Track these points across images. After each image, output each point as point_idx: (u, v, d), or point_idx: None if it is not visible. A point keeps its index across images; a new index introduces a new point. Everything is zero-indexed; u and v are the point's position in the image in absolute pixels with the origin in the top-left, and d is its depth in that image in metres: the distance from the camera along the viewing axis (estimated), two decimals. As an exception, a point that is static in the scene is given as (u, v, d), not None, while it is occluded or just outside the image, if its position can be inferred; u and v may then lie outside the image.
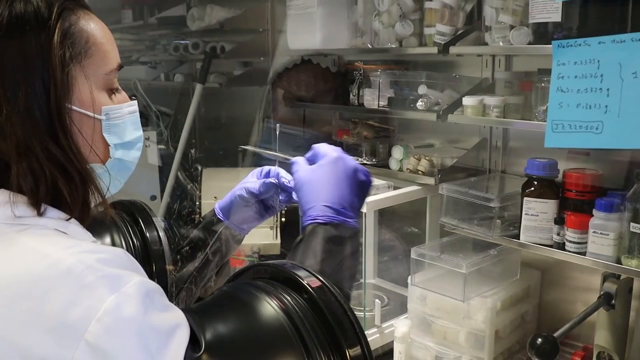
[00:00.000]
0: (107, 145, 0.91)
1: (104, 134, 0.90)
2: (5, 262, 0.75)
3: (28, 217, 0.80)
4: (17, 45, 0.79)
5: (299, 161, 1.15)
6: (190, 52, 3.10)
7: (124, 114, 0.93)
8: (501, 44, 1.77)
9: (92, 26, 0.88)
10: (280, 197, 1.25)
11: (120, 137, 0.92)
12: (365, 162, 2.24)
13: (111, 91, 0.91)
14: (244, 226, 1.30)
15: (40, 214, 0.81)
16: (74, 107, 0.85)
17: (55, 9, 0.82)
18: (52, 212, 0.83)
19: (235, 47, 2.90)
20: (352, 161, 1.11)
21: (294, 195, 1.14)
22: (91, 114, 0.87)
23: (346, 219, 1.05)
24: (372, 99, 2.20)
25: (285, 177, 1.23)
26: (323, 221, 1.03)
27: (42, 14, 0.81)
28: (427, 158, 2.05)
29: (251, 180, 1.28)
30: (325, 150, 1.13)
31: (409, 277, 1.92)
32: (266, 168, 1.28)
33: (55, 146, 0.81)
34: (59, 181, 0.81)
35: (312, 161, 1.14)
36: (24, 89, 0.79)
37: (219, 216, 1.29)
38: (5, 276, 0.73)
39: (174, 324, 0.74)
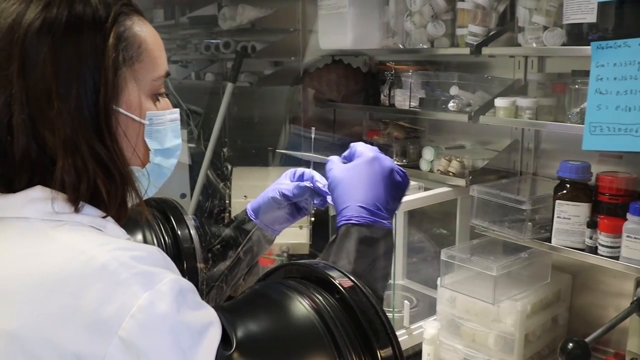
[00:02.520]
0: (147, 149, 0.92)
1: (145, 139, 0.91)
2: (41, 257, 0.76)
3: (65, 213, 0.81)
4: (73, 44, 0.80)
5: (334, 159, 1.14)
6: (221, 52, 3.12)
7: (165, 121, 0.94)
8: (534, 45, 1.75)
9: (145, 32, 0.89)
10: (314, 201, 1.25)
11: (160, 143, 0.93)
12: (395, 162, 2.23)
13: (156, 97, 0.92)
14: (275, 227, 1.30)
15: (77, 210, 0.82)
16: (121, 110, 0.86)
17: (112, 13, 0.84)
18: (89, 210, 0.83)
19: (266, 46, 2.90)
20: (388, 161, 1.10)
21: (329, 199, 1.13)
22: (136, 118, 0.88)
23: (380, 220, 1.03)
24: (403, 99, 2.19)
25: (320, 180, 1.22)
26: (357, 222, 1.02)
27: (99, 16, 0.83)
28: (458, 159, 2.04)
29: (285, 182, 1.27)
30: (362, 149, 1.11)
31: (439, 279, 1.91)
32: (300, 170, 1.27)
33: (100, 145, 0.82)
34: (99, 179, 0.82)
35: (347, 160, 1.14)
36: (76, 87, 0.80)
37: (250, 217, 1.29)
38: (40, 272, 0.74)
39: (207, 322, 0.74)
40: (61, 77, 0.79)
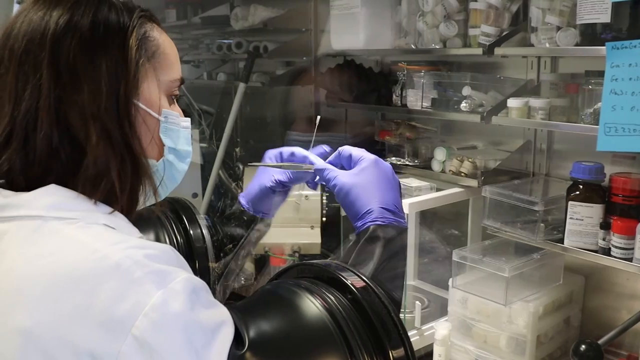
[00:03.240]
0: (162, 145, 0.94)
1: (160, 135, 0.93)
2: (55, 256, 0.77)
3: (79, 211, 0.82)
4: (99, 39, 0.85)
5: (331, 167, 1.13)
6: (233, 52, 3.12)
7: (179, 123, 0.97)
8: (547, 45, 1.74)
9: (163, 39, 0.95)
10: (307, 182, 1.22)
11: (174, 142, 0.96)
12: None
13: (172, 99, 0.96)
14: (270, 211, 1.30)
15: (95, 202, 0.84)
16: (140, 104, 0.89)
17: (134, 16, 0.89)
18: (102, 207, 0.84)
19: (278, 46, 2.90)
20: (385, 161, 1.13)
21: (328, 188, 1.13)
22: (154, 114, 0.91)
23: (400, 220, 1.06)
24: (415, 99, 2.19)
25: (315, 161, 1.17)
26: (383, 222, 1.04)
27: (123, 18, 0.88)
28: (470, 160, 2.03)
29: (277, 169, 1.23)
30: (357, 152, 1.13)
31: (450, 280, 1.91)
32: (287, 150, 1.21)
33: (120, 134, 0.85)
34: (116, 168, 0.84)
35: (340, 164, 1.14)
36: (99, 77, 0.84)
37: (247, 209, 1.28)
38: (54, 270, 0.75)
39: (220, 321, 0.75)
40: (88, 67, 0.83)
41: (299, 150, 1.20)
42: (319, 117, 1.34)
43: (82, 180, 0.83)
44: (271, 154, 1.24)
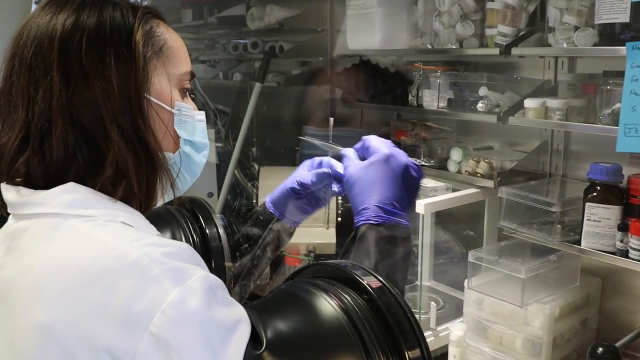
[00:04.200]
0: (177, 137, 0.95)
1: (175, 127, 0.94)
2: (74, 253, 0.77)
3: (97, 209, 0.82)
4: (105, 37, 0.85)
5: (350, 155, 1.14)
6: (249, 52, 3.13)
7: (193, 116, 0.97)
8: (565, 45, 1.73)
9: (169, 33, 0.95)
10: (334, 189, 1.23)
11: (190, 135, 0.96)
12: (423, 163, 2.22)
13: (184, 92, 0.96)
14: (294, 218, 1.30)
15: (114, 202, 0.84)
16: (152, 98, 0.89)
17: (139, 14, 0.90)
18: (121, 205, 0.85)
19: (294, 46, 2.91)
20: (403, 157, 1.10)
21: (339, 188, 1.13)
22: (166, 107, 0.92)
23: (399, 220, 1.04)
24: (431, 100, 2.18)
25: (338, 167, 1.20)
26: (376, 222, 1.03)
27: (128, 17, 0.88)
28: (486, 160, 2.02)
29: (303, 172, 1.27)
30: (377, 144, 1.11)
31: (466, 281, 1.90)
32: (317, 159, 1.26)
33: (132, 128, 0.85)
34: (133, 163, 0.84)
35: (362, 154, 1.14)
36: (109, 73, 0.84)
37: (270, 210, 1.29)
38: (73, 267, 0.76)
39: (236, 319, 0.75)
40: (97, 66, 0.84)
41: (325, 159, 1.25)
42: (332, 119, 1.36)
43: (102, 180, 0.84)
44: (305, 163, 1.28)
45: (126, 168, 0.84)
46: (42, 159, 0.83)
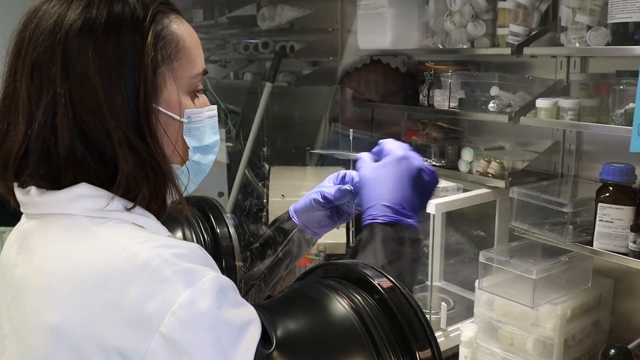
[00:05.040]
0: (186, 147, 0.93)
1: (184, 136, 0.91)
2: (85, 253, 0.78)
3: (109, 210, 0.82)
4: (113, 43, 0.81)
5: (364, 157, 1.14)
6: (260, 51, 3.13)
7: (204, 118, 0.94)
8: (577, 44, 1.72)
9: (183, 30, 0.90)
10: (355, 202, 1.24)
11: (199, 141, 0.94)
12: (434, 163, 2.22)
13: (194, 94, 0.93)
14: (315, 229, 1.29)
15: (128, 209, 0.83)
16: (161, 108, 0.87)
17: (150, 12, 0.85)
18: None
19: (305, 46, 2.91)
20: (417, 160, 1.09)
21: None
22: (176, 116, 0.89)
23: (405, 219, 1.03)
24: (442, 99, 2.18)
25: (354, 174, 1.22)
26: (382, 221, 1.02)
27: (137, 16, 0.84)
28: (497, 160, 2.01)
29: (327, 185, 1.26)
30: (391, 147, 1.11)
31: (476, 281, 1.89)
32: (342, 172, 1.26)
33: (142, 143, 0.82)
34: (141, 177, 0.82)
35: (377, 157, 1.13)
36: (117, 86, 0.81)
37: (293, 219, 1.29)
38: (84, 268, 0.76)
39: (247, 320, 0.75)
40: (104, 76, 0.80)
41: (349, 173, 1.25)
42: (351, 130, 1.38)
43: (115, 191, 0.82)
44: (332, 175, 1.28)
45: (135, 184, 0.82)
46: (48, 164, 0.82)
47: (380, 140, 1.15)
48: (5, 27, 0.87)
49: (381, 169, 1.08)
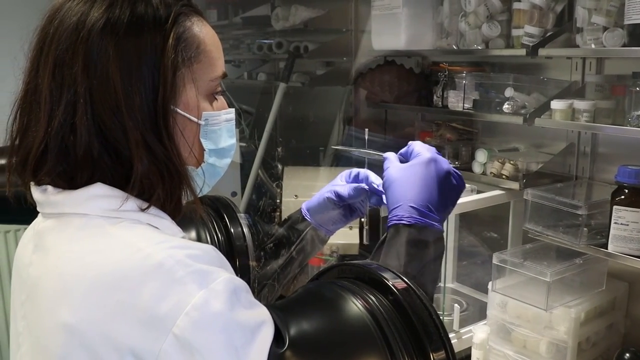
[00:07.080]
0: (202, 149, 0.92)
1: (201, 139, 0.91)
2: (99, 253, 0.78)
3: (124, 210, 0.82)
4: (134, 44, 0.81)
5: (391, 157, 1.13)
6: (273, 52, 3.13)
7: (221, 121, 0.94)
8: (593, 46, 1.71)
9: (204, 33, 0.90)
10: (370, 201, 1.23)
11: (215, 144, 0.94)
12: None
13: (213, 96, 0.93)
14: (329, 227, 1.30)
15: (143, 209, 0.83)
16: (179, 110, 0.86)
17: (172, 13, 0.85)
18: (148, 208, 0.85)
19: (319, 47, 2.91)
20: (445, 164, 1.09)
21: (384, 199, 1.12)
22: (193, 118, 0.89)
23: (431, 222, 1.02)
24: (456, 100, 2.17)
25: (374, 180, 1.21)
26: (408, 222, 1.01)
27: (160, 17, 0.84)
28: (511, 162, 2.00)
29: (340, 183, 1.26)
30: (419, 149, 1.10)
31: (490, 283, 1.89)
32: (355, 171, 1.26)
33: (158, 144, 0.83)
34: (156, 178, 0.83)
35: (404, 158, 1.13)
36: (137, 86, 0.81)
37: (305, 216, 1.29)
38: (99, 268, 0.76)
39: (260, 321, 0.75)
40: (124, 76, 0.80)
41: (362, 171, 1.25)
42: (367, 130, 1.37)
43: (130, 191, 0.83)
44: (344, 173, 1.28)
45: (150, 185, 0.83)
46: (66, 162, 0.82)
47: (410, 142, 1.14)
48: (28, 22, 0.87)
49: (409, 170, 1.07)
